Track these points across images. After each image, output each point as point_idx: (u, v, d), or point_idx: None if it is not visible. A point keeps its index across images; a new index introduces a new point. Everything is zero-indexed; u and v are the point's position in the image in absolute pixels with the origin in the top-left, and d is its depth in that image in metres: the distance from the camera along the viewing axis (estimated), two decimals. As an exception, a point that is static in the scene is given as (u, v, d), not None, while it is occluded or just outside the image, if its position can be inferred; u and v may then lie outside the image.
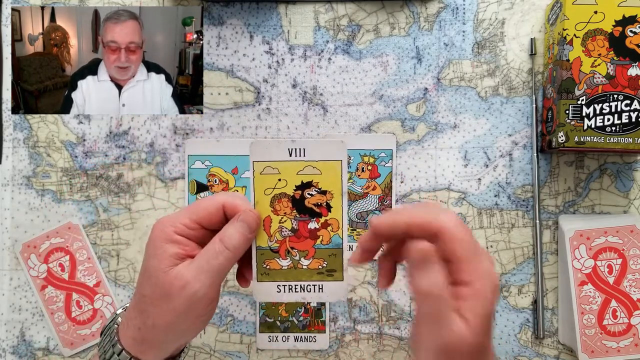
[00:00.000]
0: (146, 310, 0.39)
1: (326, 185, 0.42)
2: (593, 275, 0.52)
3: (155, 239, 0.40)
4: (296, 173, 0.41)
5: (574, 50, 0.49)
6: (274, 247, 0.42)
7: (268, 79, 0.57)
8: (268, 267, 0.43)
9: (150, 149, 0.57)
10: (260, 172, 0.41)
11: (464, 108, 0.56)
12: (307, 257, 0.43)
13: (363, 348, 0.56)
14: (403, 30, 0.56)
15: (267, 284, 0.43)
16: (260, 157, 0.41)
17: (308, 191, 0.42)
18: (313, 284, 0.43)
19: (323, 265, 0.43)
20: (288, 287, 0.43)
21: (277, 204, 0.42)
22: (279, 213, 0.42)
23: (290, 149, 0.41)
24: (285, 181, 0.42)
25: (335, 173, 0.41)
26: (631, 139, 0.48)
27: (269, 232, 0.42)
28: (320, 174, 0.41)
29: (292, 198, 0.42)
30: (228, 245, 0.39)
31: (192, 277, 0.38)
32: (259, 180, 0.41)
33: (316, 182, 0.42)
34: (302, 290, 0.43)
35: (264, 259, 0.42)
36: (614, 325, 0.52)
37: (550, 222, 0.55)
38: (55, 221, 0.57)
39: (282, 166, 0.41)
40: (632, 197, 0.55)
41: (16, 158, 0.57)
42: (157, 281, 0.39)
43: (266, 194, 0.42)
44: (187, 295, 0.38)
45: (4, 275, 0.56)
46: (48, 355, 0.56)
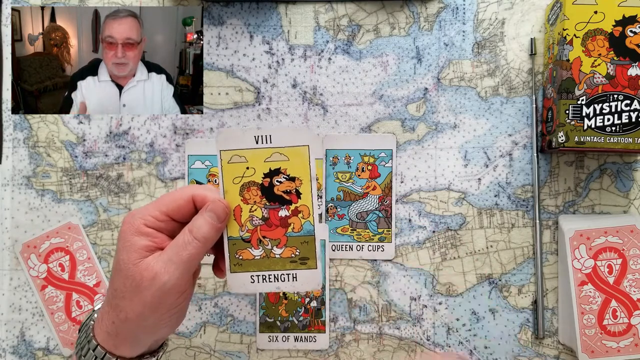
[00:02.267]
0: (118, 304, 0.40)
1: (295, 171, 0.41)
2: (593, 275, 0.52)
3: (125, 232, 0.40)
4: (264, 160, 0.41)
5: (574, 50, 0.49)
6: (245, 237, 0.42)
7: (268, 79, 0.57)
8: (241, 258, 0.42)
9: (150, 149, 0.57)
10: (228, 161, 0.41)
11: (464, 108, 0.56)
12: (279, 245, 0.42)
13: (363, 348, 0.56)
14: (403, 30, 0.56)
15: (241, 274, 0.42)
16: (227, 146, 0.41)
17: (277, 178, 0.41)
18: (287, 273, 0.43)
19: (296, 253, 0.42)
20: (262, 277, 0.43)
21: (247, 193, 0.42)
22: (248, 202, 0.42)
23: (256, 137, 0.41)
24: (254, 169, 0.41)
25: (302, 159, 0.41)
26: (631, 139, 0.48)
27: (240, 222, 0.42)
28: (287, 160, 0.41)
29: (261, 186, 0.41)
30: (197, 235, 0.39)
31: (161, 268, 0.38)
32: (227, 169, 0.41)
33: (284, 169, 0.41)
34: (276, 279, 0.43)
35: (236, 249, 0.42)
36: (614, 325, 0.52)
37: (550, 222, 0.55)
38: (55, 221, 0.57)
39: (250, 154, 0.41)
40: (632, 197, 0.55)
41: (16, 158, 0.57)
42: (127, 273, 0.39)
43: (235, 183, 0.41)
44: (156, 286, 0.38)
45: (4, 275, 0.56)
46: (48, 355, 0.56)
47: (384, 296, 0.56)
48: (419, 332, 0.55)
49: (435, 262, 0.56)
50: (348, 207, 0.56)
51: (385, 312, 0.56)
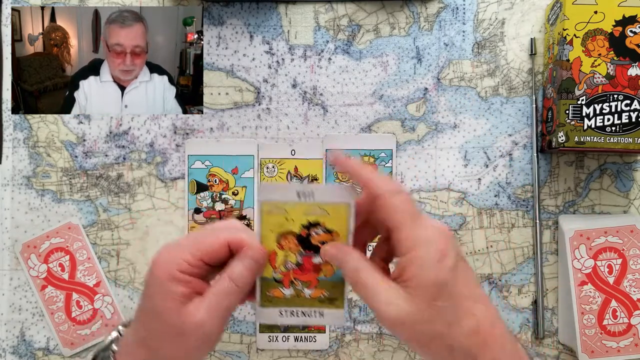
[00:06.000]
0: (154, 348, 0.39)
1: (333, 225, 0.41)
2: (593, 275, 0.52)
3: (158, 277, 0.39)
4: (303, 214, 0.41)
5: (574, 50, 0.49)
6: (278, 278, 0.43)
7: (268, 79, 0.57)
8: (272, 295, 0.43)
9: (150, 149, 0.57)
10: (268, 212, 0.41)
11: (464, 108, 0.56)
12: (309, 287, 0.43)
13: (363, 348, 0.56)
14: (403, 30, 0.56)
15: (271, 309, 0.43)
16: (269, 198, 0.41)
17: (314, 230, 0.42)
18: (314, 310, 0.43)
19: (325, 295, 0.43)
20: (290, 312, 0.43)
21: (283, 240, 0.42)
22: (284, 248, 0.42)
23: (299, 192, 0.41)
24: (292, 220, 0.42)
25: (342, 215, 0.41)
26: (631, 139, 0.48)
27: (274, 265, 0.42)
28: (327, 215, 0.41)
29: (298, 236, 0.42)
30: (238, 283, 0.39)
31: (205, 316, 0.38)
32: (266, 219, 0.42)
33: (323, 222, 0.41)
34: (303, 315, 0.44)
35: (269, 288, 0.43)
36: (614, 325, 0.52)
37: (550, 222, 0.55)
38: (55, 221, 0.57)
39: (290, 207, 0.41)
40: (632, 197, 0.55)
41: (16, 158, 0.57)
42: (168, 320, 0.38)
43: (272, 231, 0.42)
44: (201, 334, 0.38)
45: (4, 275, 0.56)
46: (48, 355, 0.56)
47: (384, 296, 0.56)
48: (419, 332, 0.55)
49: (435, 262, 0.56)
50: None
51: (385, 312, 0.56)
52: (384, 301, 0.36)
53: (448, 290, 0.35)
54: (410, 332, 0.35)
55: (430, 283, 0.35)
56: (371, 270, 0.38)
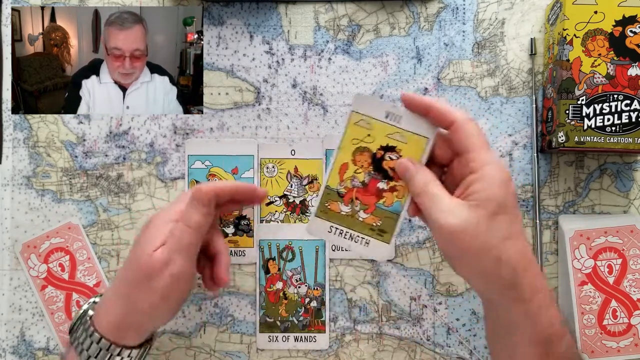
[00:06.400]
0: (131, 296, 0.43)
1: (407, 154, 0.44)
2: (593, 275, 0.52)
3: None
4: (385, 135, 0.45)
5: (574, 50, 0.49)
6: (341, 192, 0.46)
7: (268, 79, 0.57)
8: (328, 207, 0.46)
9: (150, 149, 0.57)
10: (355, 122, 0.45)
11: (464, 108, 0.56)
12: (366, 211, 0.45)
13: (363, 348, 0.56)
14: (403, 30, 0.56)
15: (323, 221, 0.46)
16: (360, 110, 0.45)
17: (390, 154, 0.45)
18: (362, 237, 0.46)
19: (377, 223, 0.45)
20: (339, 231, 0.46)
21: (359, 155, 0.45)
22: (357, 164, 0.45)
23: (387, 112, 0.44)
24: (374, 138, 0.45)
25: (419, 147, 0.44)
26: (631, 139, 0.48)
27: (342, 177, 0.46)
28: (405, 143, 0.44)
29: (373, 155, 0.45)
30: (188, 223, 0.44)
31: (166, 256, 0.42)
32: (351, 129, 0.45)
33: (399, 149, 0.44)
34: (350, 238, 0.46)
35: (328, 199, 0.46)
36: (614, 325, 0.52)
37: (550, 222, 0.55)
38: (55, 221, 0.57)
39: (376, 124, 0.45)
40: (632, 197, 0.55)
41: (16, 158, 0.57)
42: (141, 264, 0.43)
43: (352, 144, 0.45)
44: (169, 274, 0.42)
45: (4, 275, 0.56)
46: (48, 355, 0.56)
47: (384, 296, 0.56)
48: (419, 332, 0.55)
49: (435, 262, 0.56)
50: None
51: (385, 312, 0.56)
52: (446, 210, 0.39)
53: (508, 210, 0.39)
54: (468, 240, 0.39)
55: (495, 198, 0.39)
56: (439, 185, 0.42)
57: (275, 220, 0.56)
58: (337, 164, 0.45)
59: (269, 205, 0.56)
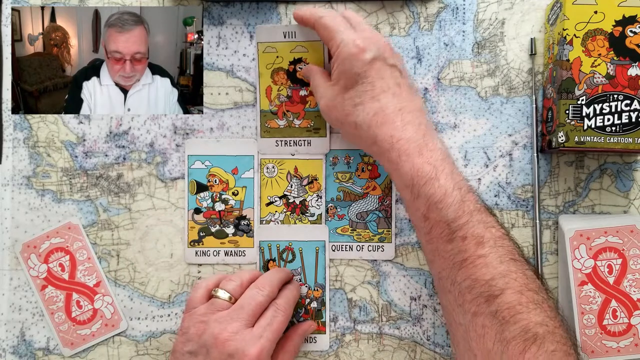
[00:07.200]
0: None
1: (312, 60, 0.53)
2: (593, 275, 0.52)
3: None
4: (289, 51, 0.53)
5: (574, 50, 0.49)
6: (273, 110, 0.55)
7: (268, 79, 0.57)
8: (269, 126, 0.55)
9: (150, 149, 0.57)
10: (263, 51, 0.54)
11: (464, 108, 0.56)
12: (298, 118, 0.54)
13: (363, 348, 0.56)
14: (403, 30, 0.56)
15: (269, 139, 0.55)
16: (263, 39, 0.54)
17: (299, 65, 0.54)
18: (303, 140, 0.54)
19: (311, 124, 0.54)
20: (284, 142, 0.55)
21: (276, 76, 0.54)
22: (277, 83, 0.54)
23: (284, 32, 0.53)
24: (282, 58, 0.54)
25: (318, 51, 0.53)
26: (631, 139, 0.48)
27: (270, 98, 0.54)
28: (307, 52, 0.53)
29: (287, 71, 0.54)
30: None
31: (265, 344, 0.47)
32: (262, 57, 0.54)
33: (305, 58, 0.53)
34: (294, 145, 0.55)
35: (266, 120, 0.55)
36: (614, 325, 0.52)
37: (550, 222, 0.55)
38: (55, 221, 0.57)
39: (279, 45, 0.53)
40: (632, 197, 0.55)
41: (16, 158, 0.57)
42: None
43: (267, 69, 0.54)
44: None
45: (4, 275, 0.56)
46: (48, 355, 0.56)
47: (384, 296, 0.56)
48: (419, 332, 0.55)
49: (435, 262, 0.56)
50: (348, 207, 0.56)
51: (385, 312, 0.56)
52: (321, 95, 0.49)
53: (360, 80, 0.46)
54: (334, 114, 0.48)
55: (344, 73, 0.46)
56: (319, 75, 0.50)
57: (275, 221, 0.56)
58: (262, 89, 0.54)
59: (268, 205, 0.56)
